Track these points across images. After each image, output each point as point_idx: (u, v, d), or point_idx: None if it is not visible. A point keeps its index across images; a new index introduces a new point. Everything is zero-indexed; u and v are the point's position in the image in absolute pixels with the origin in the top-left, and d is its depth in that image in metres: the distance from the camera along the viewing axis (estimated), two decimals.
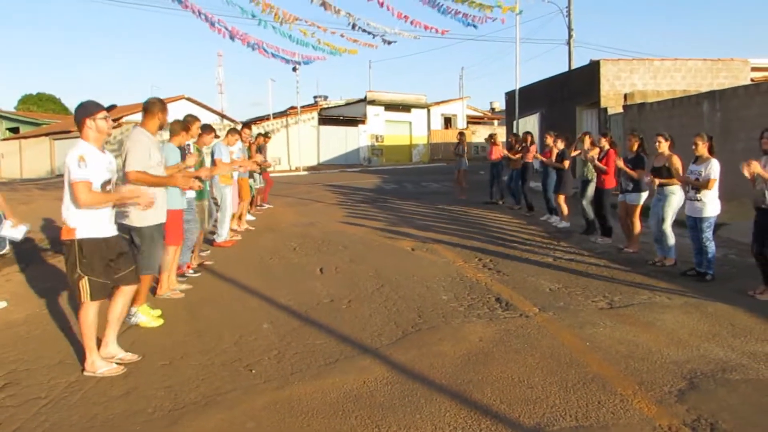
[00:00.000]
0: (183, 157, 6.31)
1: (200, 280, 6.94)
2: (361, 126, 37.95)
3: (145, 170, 5.08)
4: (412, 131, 41.36)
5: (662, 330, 4.95)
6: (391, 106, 39.29)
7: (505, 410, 3.58)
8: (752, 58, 19.86)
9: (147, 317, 5.32)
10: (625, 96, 18.22)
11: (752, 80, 18.19)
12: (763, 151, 5.98)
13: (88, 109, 4.16)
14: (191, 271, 7.18)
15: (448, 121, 44.68)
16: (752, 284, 6.06)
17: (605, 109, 18.16)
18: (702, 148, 6.66)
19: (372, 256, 8.29)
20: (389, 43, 21.22)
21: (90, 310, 4.20)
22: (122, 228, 4.77)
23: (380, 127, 38.85)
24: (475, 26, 20.24)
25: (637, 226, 8.14)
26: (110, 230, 4.28)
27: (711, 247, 6.57)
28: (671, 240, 7.27)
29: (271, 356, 4.56)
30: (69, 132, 33.17)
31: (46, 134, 35.67)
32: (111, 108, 4.33)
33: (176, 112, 33.13)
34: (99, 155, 4.17)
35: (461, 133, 16.43)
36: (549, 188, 11.06)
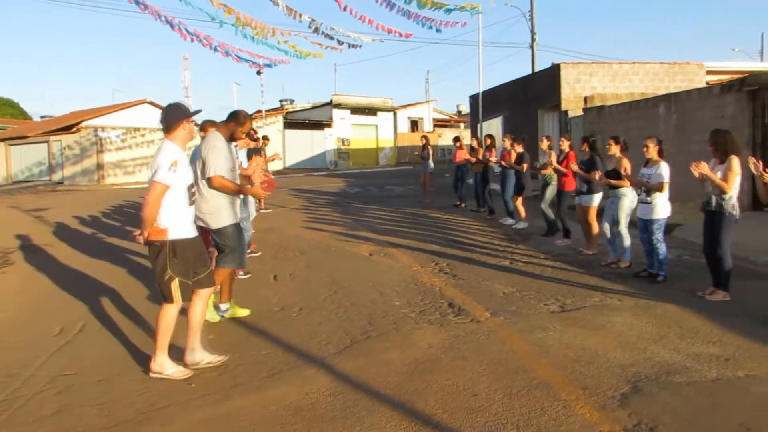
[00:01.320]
0: None
1: (128, 290, 6.75)
2: (327, 129, 37.81)
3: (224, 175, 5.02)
4: (379, 134, 41.37)
5: (611, 333, 4.95)
6: (357, 110, 39.24)
7: (447, 420, 3.51)
8: (707, 61, 20.32)
9: (213, 313, 5.37)
10: (585, 99, 18.45)
11: (707, 83, 18.60)
12: (711, 154, 6.06)
13: (184, 111, 4.20)
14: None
15: (414, 125, 44.83)
16: (703, 285, 6.13)
17: (566, 112, 18.37)
18: (653, 151, 6.72)
19: (329, 261, 8.19)
20: (354, 47, 21.22)
21: (173, 310, 4.22)
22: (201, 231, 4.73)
23: (347, 131, 38.76)
24: (438, 30, 20.35)
25: (594, 228, 8.19)
26: (194, 231, 4.32)
27: (662, 248, 6.63)
28: (627, 242, 7.33)
29: (213, 368, 4.42)
30: (26, 137, 32.33)
31: (2, 140, 34.66)
32: (197, 112, 4.42)
33: (137, 116, 32.50)
34: (186, 159, 4.22)
35: (426, 137, 16.43)
36: (507, 191, 11.10)
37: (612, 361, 4.31)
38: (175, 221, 4.11)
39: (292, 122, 37.28)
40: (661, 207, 6.59)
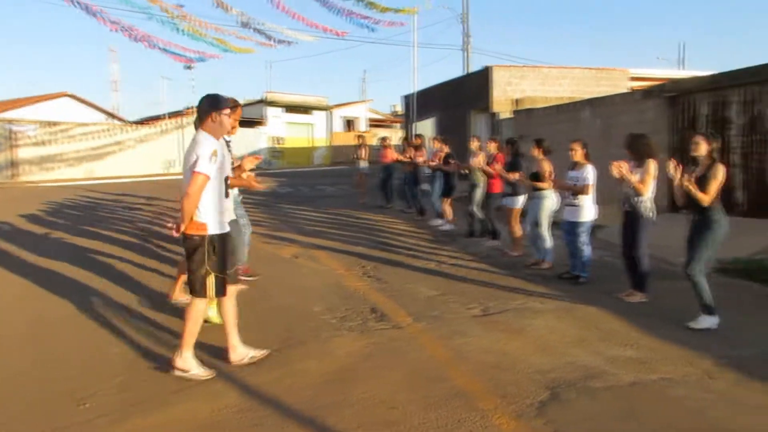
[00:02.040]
0: None
1: (45, 298, 6.27)
2: (260, 128, 37.05)
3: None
4: (314, 133, 40.92)
5: (532, 336, 4.91)
6: (291, 108, 38.67)
7: None
8: (631, 67, 21.06)
9: (215, 312, 5.09)
10: (516, 101, 18.75)
11: (631, 89, 19.25)
12: (629, 157, 6.15)
13: (217, 102, 4.08)
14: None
15: (350, 124, 44.59)
16: (623, 286, 6.20)
17: (496, 114, 18.61)
18: (579, 154, 6.78)
19: (250, 265, 7.85)
20: (287, 44, 20.80)
21: (203, 305, 4.18)
22: None
23: (280, 129, 38.13)
24: (372, 29, 20.24)
25: (518, 230, 8.23)
26: (227, 225, 4.24)
27: (586, 251, 6.69)
28: (548, 243, 7.38)
29: (113, 385, 4.09)
30: None
31: None
32: (235, 105, 4.32)
33: (57, 110, 30.70)
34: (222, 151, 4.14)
35: (360, 136, 16.26)
36: (435, 192, 11.07)
37: (532, 367, 4.25)
38: (214, 215, 4.07)
39: None
40: (588, 210, 6.66)
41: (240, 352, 4.39)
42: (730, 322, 5.14)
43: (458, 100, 21.60)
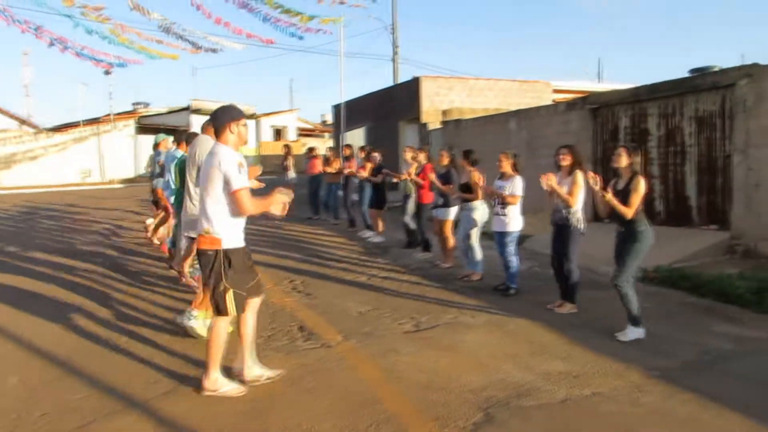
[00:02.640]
0: None
1: None
2: None
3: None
4: None
5: (464, 353, 4.79)
6: None
7: None
8: (554, 80, 21.69)
9: (202, 323, 4.96)
10: (444, 112, 18.90)
11: (554, 101, 19.81)
12: (558, 167, 6.18)
13: (233, 114, 3.95)
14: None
15: (278, 133, 43.90)
16: (553, 297, 6.21)
17: (426, 125, 18.68)
18: (506, 165, 6.77)
19: None
20: (212, 51, 20.18)
21: (226, 323, 4.00)
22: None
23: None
24: (300, 37, 19.94)
25: (450, 241, 8.17)
26: (243, 240, 4.05)
27: (514, 261, 6.68)
28: (478, 255, 7.34)
29: (8, 421, 3.67)
30: None
31: None
32: (251, 116, 3.67)
33: None
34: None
35: (287, 146, 15.89)
36: (364, 203, 10.90)
37: (464, 386, 4.12)
38: (229, 230, 3.90)
39: (147, 127, 34.91)
40: (515, 220, 6.65)
41: (255, 373, 4.19)
42: (657, 331, 5.21)
43: (388, 111, 21.59)
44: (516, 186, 6.63)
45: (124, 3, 14.01)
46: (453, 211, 8.10)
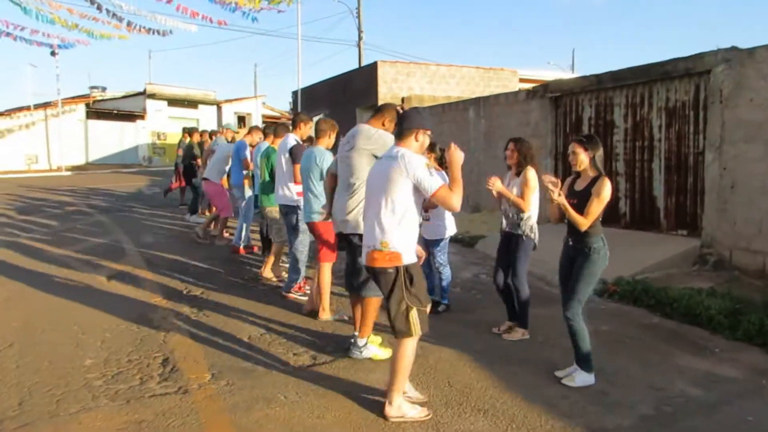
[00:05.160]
0: None
1: None
2: (140, 122, 34.15)
3: None
4: (200, 129, 38.42)
5: (358, 401, 3.69)
6: (175, 101, 35.92)
7: None
8: (521, 69, 20.70)
9: (377, 348, 4.46)
10: (403, 99, 17.78)
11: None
12: (507, 166, 5.11)
13: (423, 122, 3.63)
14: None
15: (242, 120, 42.40)
16: (496, 314, 5.21)
17: None
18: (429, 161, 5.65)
19: (42, 293, 6.18)
20: (161, 33, 18.79)
21: (413, 344, 3.58)
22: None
23: (163, 124, 35.34)
24: (254, 19, 18.66)
25: None
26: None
27: (445, 272, 5.61)
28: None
29: None
30: None
31: None
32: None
33: None
34: None
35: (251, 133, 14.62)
36: None
37: None
38: (408, 242, 3.54)
39: (99, 112, 33.18)
40: (442, 225, 5.55)
41: (408, 393, 3.71)
42: (611, 368, 4.19)
43: (346, 97, 20.41)
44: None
45: None
46: None
